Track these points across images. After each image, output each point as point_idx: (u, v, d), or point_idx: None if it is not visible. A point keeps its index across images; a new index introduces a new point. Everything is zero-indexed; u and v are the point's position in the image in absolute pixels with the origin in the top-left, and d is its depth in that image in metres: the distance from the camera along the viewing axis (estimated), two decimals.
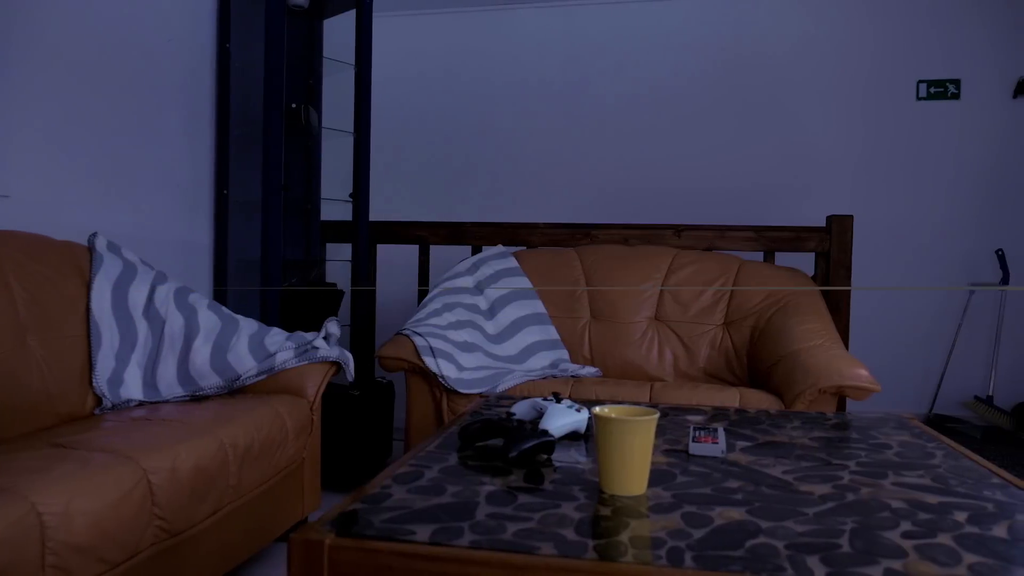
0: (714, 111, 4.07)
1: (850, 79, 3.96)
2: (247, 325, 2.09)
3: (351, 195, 2.87)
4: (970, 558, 0.83)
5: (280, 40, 2.52)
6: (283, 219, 2.59)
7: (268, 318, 2.53)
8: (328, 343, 2.09)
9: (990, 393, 3.73)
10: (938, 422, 3.71)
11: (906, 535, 0.89)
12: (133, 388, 1.91)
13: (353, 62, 2.84)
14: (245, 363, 1.97)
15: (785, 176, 4.02)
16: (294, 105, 2.77)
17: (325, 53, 3.05)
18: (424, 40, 4.34)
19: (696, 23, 4.08)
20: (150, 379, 1.96)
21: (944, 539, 0.88)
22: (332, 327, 2.13)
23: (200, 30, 2.69)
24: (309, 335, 2.09)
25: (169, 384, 1.96)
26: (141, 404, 1.89)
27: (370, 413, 2.67)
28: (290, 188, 2.85)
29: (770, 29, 4.02)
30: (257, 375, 1.97)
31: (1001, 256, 3.73)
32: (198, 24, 2.68)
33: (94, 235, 2.06)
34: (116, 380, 1.88)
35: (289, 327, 2.57)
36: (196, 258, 2.70)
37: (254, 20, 2.80)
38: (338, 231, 3.02)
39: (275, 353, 2.00)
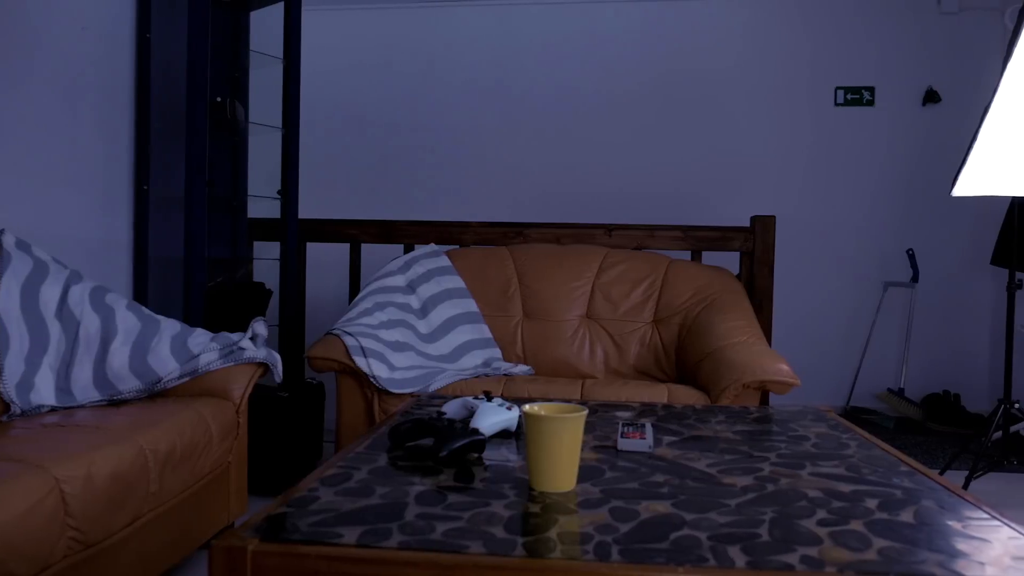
0: (644, 115, 4.15)
1: (773, 85, 4.10)
2: (169, 326, 2.02)
3: (279, 192, 2.81)
4: (880, 543, 0.87)
5: (204, 31, 2.44)
6: (208, 216, 2.51)
7: (192, 319, 2.45)
8: (255, 344, 2.04)
9: (902, 386, 3.93)
10: (854, 414, 3.88)
11: (821, 523, 0.93)
12: (45, 393, 1.81)
13: (281, 56, 2.78)
14: (167, 365, 1.91)
15: (712, 178, 4.13)
16: (219, 99, 2.69)
17: (252, 46, 2.97)
18: (356, 35, 4.28)
19: (628, 29, 4.15)
20: (64, 383, 1.87)
21: (856, 525, 0.92)
22: (259, 327, 2.08)
23: (118, 19, 2.58)
24: (235, 336, 2.03)
25: (84, 388, 1.88)
26: (54, 410, 1.80)
27: (299, 415, 2.61)
28: (215, 184, 2.77)
29: (698, 37, 4.13)
30: (180, 378, 1.91)
31: (911, 255, 3.93)
32: (116, 12, 2.57)
33: (1, 232, 1.95)
34: (26, 385, 1.78)
35: (214, 328, 2.49)
36: (114, 257, 2.59)
37: (176, 10, 2.70)
38: (266, 229, 2.95)
39: (199, 355, 1.94)
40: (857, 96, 4.03)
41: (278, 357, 2.05)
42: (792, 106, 4.07)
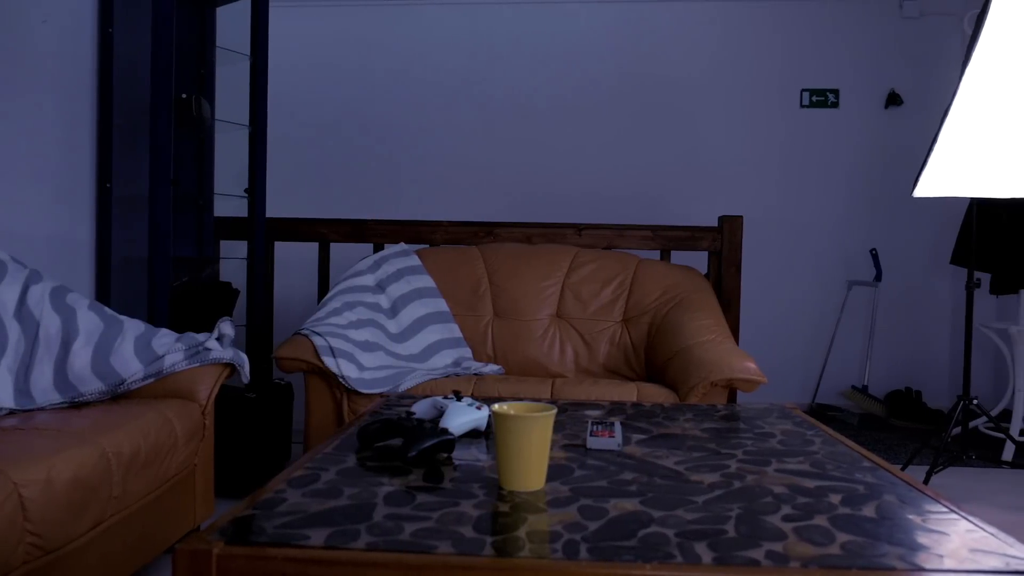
0: (614, 116, 4.18)
1: (741, 87, 4.15)
2: (132, 326, 1.98)
3: (246, 190, 2.77)
4: (843, 537, 0.88)
5: (168, 26, 2.40)
6: (173, 215, 2.47)
7: (156, 319, 2.41)
8: (222, 344, 2.01)
9: (865, 383, 4.00)
10: (820, 411, 3.95)
11: (786, 518, 0.95)
12: (3, 396, 1.77)
13: (248, 52, 2.74)
14: (130, 366, 1.87)
15: (680, 178, 4.17)
16: (184, 95, 2.65)
17: (219, 42, 2.93)
18: (326, 33, 4.24)
19: (598, 31, 4.17)
20: (23, 385, 1.83)
21: (820, 520, 0.94)
22: (226, 327, 2.05)
23: (79, 12, 2.53)
24: (201, 336, 2.00)
25: (44, 390, 1.84)
26: (12, 413, 1.76)
27: (267, 416, 2.58)
28: (180, 182, 2.72)
29: (668, 40, 4.16)
30: (144, 379, 1.87)
31: (875, 255, 4.00)
32: (77, 5, 2.52)
33: None
34: None
35: (180, 329, 2.45)
36: (75, 256, 2.54)
37: (139, 4, 2.65)
38: (233, 228, 2.91)
39: (163, 355, 1.90)
40: (822, 98, 4.09)
41: (245, 358, 2.02)
42: (759, 108, 4.12)
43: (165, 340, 1.96)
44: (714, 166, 4.14)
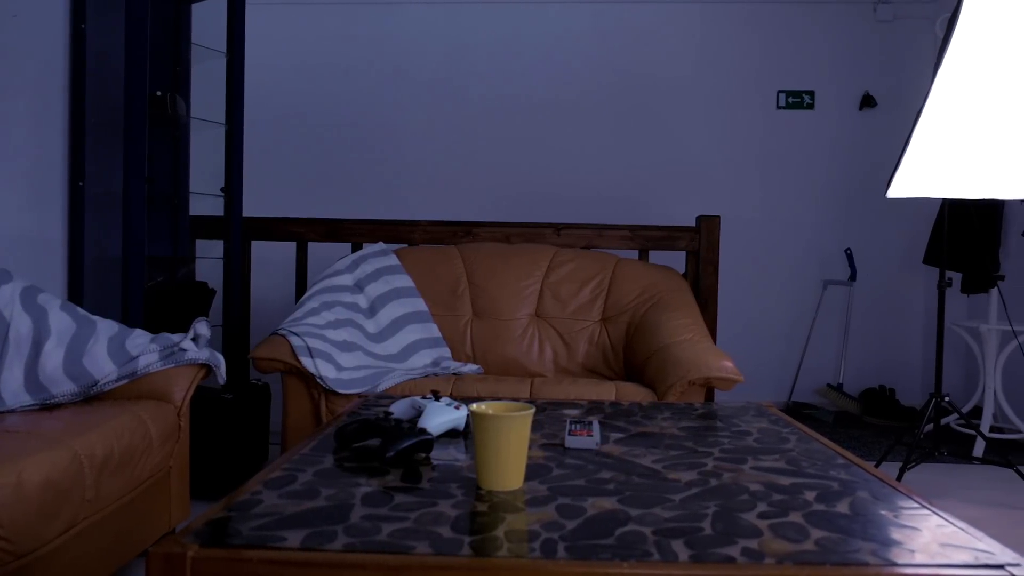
0: (593, 116, 4.19)
1: (718, 88, 4.19)
2: (106, 327, 1.95)
3: (223, 189, 2.74)
4: (817, 533, 0.89)
5: (142, 22, 2.36)
6: (147, 213, 2.43)
7: (131, 320, 2.38)
8: (197, 344, 1.99)
9: (840, 381, 4.05)
10: (796, 409, 3.99)
11: (762, 515, 0.96)
12: None
13: (225, 50, 2.71)
14: (103, 367, 1.84)
15: (659, 178, 4.19)
16: (159, 93, 2.61)
17: (194, 39, 2.90)
18: (304, 31, 4.21)
19: (578, 31, 4.18)
20: None
21: (795, 517, 0.95)
22: (201, 328, 2.03)
23: (51, 7, 2.49)
24: (176, 337, 1.98)
25: (15, 393, 1.80)
26: None
27: (244, 417, 2.56)
28: (155, 181, 2.69)
29: (647, 40, 4.18)
30: (117, 380, 1.85)
31: (849, 255, 4.05)
32: (48, 0, 2.47)
33: None
34: None
35: (155, 329, 2.42)
36: (47, 256, 2.50)
37: (113, 0, 2.61)
38: (209, 227, 2.88)
39: (138, 356, 1.88)
40: (798, 100, 4.14)
41: (221, 358, 2.00)
42: (737, 109, 4.16)
43: (139, 341, 1.94)
44: (692, 166, 4.17)
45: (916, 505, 1.00)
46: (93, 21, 2.57)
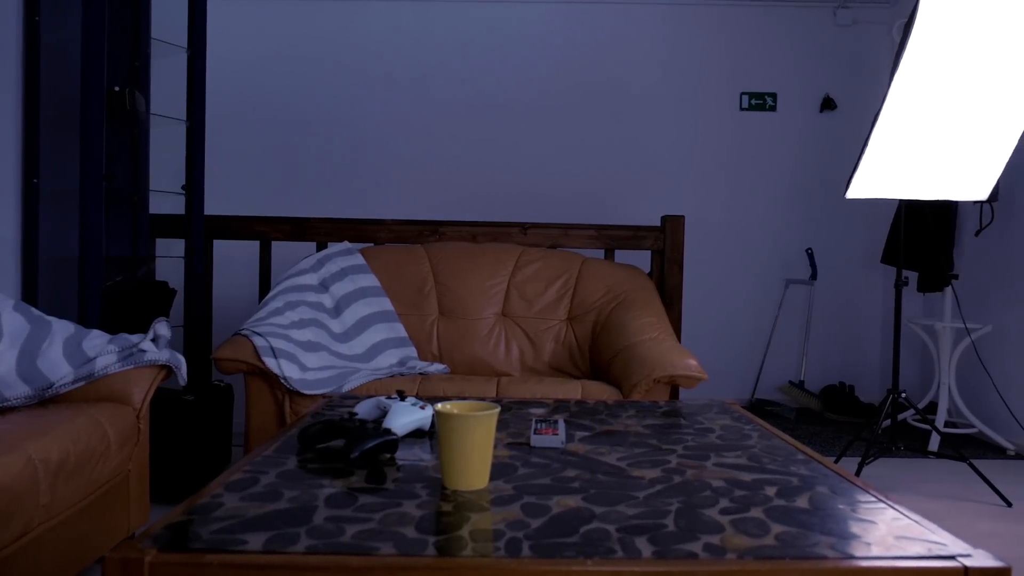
0: (559, 116, 4.20)
1: (684, 89, 4.23)
2: (62, 328, 1.90)
3: (184, 187, 2.69)
4: (777, 528, 0.91)
5: (99, 15, 2.31)
6: (105, 212, 2.38)
7: (88, 321, 2.32)
8: (157, 345, 1.95)
9: (802, 378, 4.13)
10: (759, 406, 4.05)
11: (724, 511, 0.97)
12: None
13: (186, 44, 2.67)
14: (59, 369, 1.80)
15: (624, 178, 4.22)
16: (117, 88, 2.56)
17: (154, 34, 2.84)
18: (268, 26, 4.15)
19: (544, 30, 4.19)
20: None
21: (756, 513, 0.97)
22: (161, 328, 1.99)
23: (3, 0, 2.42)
24: (135, 337, 1.94)
25: None
26: None
27: (206, 419, 2.52)
28: (114, 178, 2.63)
29: (613, 41, 4.21)
30: (74, 382, 1.80)
31: (810, 254, 4.13)
32: None
33: None
34: None
35: (113, 330, 2.37)
36: None
37: None
38: (170, 225, 2.83)
39: (95, 358, 1.84)
40: (761, 102, 4.20)
41: (182, 359, 1.97)
42: (701, 110, 4.21)
43: (97, 342, 1.89)
44: (657, 167, 4.21)
45: (873, 499, 1.03)
46: (48, 13, 2.51)
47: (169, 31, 2.83)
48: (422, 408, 1.32)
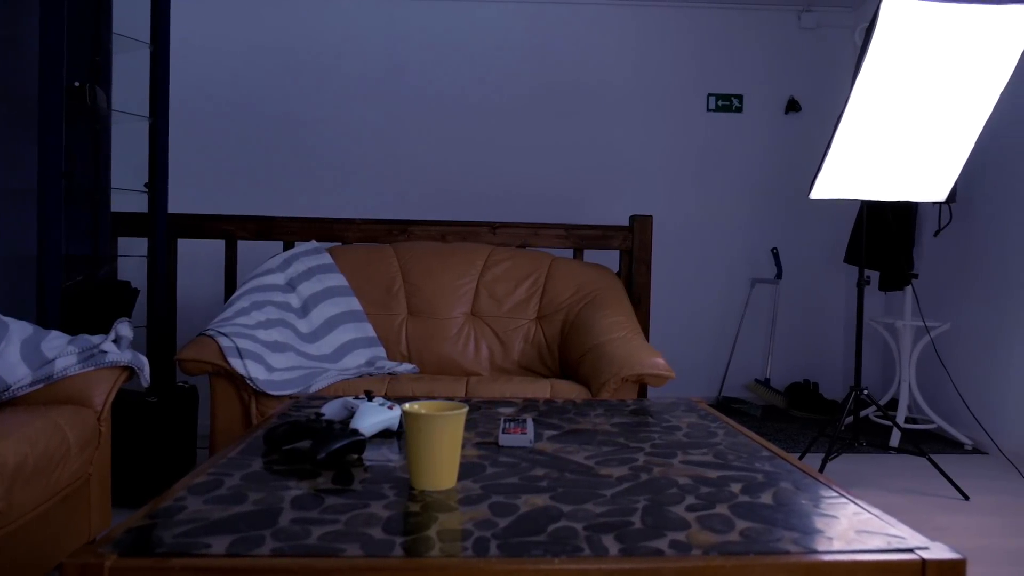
0: (529, 116, 4.21)
1: (652, 90, 4.26)
2: (19, 328, 1.86)
3: (147, 185, 2.65)
4: (742, 524, 0.92)
5: (58, 9, 2.26)
6: (65, 210, 2.33)
7: (47, 321, 2.27)
8: (119, 346, 1.91)
9: (767, 376, 4.19)
10: (726, 403, 4.10)
11: (690, 508, 0.98)
12: None
13: (148, 40, 2.62)
14: (16, 371, 1.75)
15: (593, 178, 4.25)
16: (77, 83, 2.50)
17: (115, 28, 2.78)
18: (232, 20, 4.10)
19: (514, 30, 4.19)
20: None
21: (721, 509, 0.98)
22: (123, 329, 1.96)
23: None
24: (96, 338, 1.90)
25: None
26: None
27: (170, 421, 2.48)
28: (74, 176, 2.57)
29: (583, 41, 4.22)
30: (32, 384, 1.76)
31: (776, 254, 4.19)
32: None
33: None
34: None
35: (74, 331, 2.31)
36: None
37: None
38: (132, 224, 2.77)
39: (54, 359, 1.79)
40: (727, 103, 4.25)
41: (145, 360, 1.93)
42: (669, 111, 4.24)
43: (56, 343, 1.85)
44: (626, 167, 4.24)
45: (835, 494, 1.05)
46: (5, 7, 2.44)
47: (131, 26, 2.77)
48: (390, 408, 1.32)
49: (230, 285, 2.83)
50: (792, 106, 4.23)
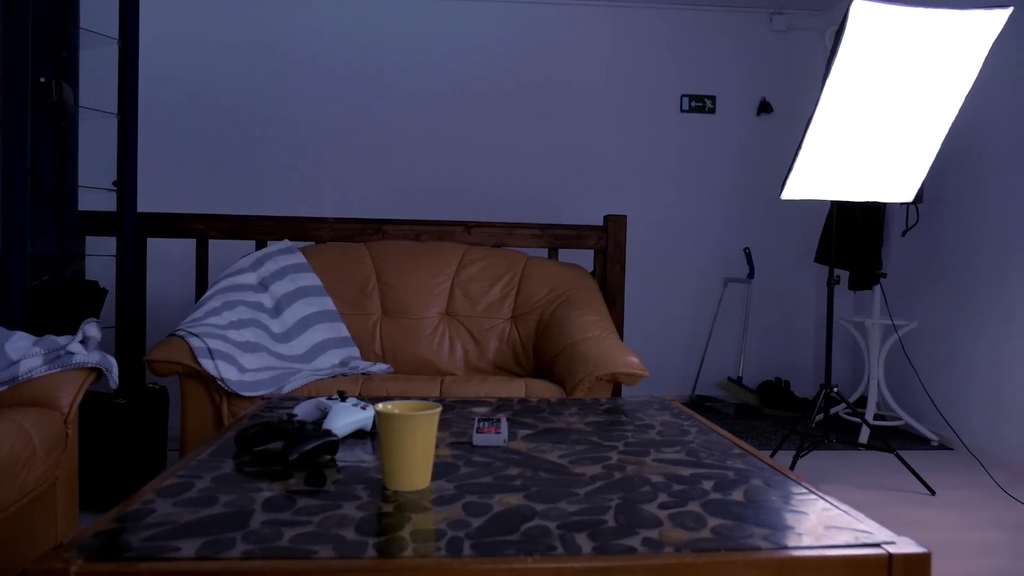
0: (504, 115, 4.21)
1: (626, 91, 4.29)
2: None
3: (115, 183, 2.60)
4: (713, 521, 0.93)
5: (23, 3, 2.21)
6: (30, 208, 2.28)
7: (12, 322, 2.22)
8: (86, 347, 1.88)
9: (740, 374, 4.23)
10: (699, 402, 4.14)
11: (662, 506, 0.99)
12: None
13: (117, 35, 2.57)
14: None
15: (568, 178, 4.26)
16: (43, 79, 2.45)
17: (83, 23, 2.73)
18: (203, 15, 4.04)
19: (489, 28, 4.19)
20: None
21: (694, 506, 0.99)
22: (91, 329, 1.92)
23: None
24: (63, 339, 1.86)
25: None
26: None
27: (139, 423, 2.44)
28: (39, 174, 2.52)
29: (558, 41, 4.23)
30: None
31: (748, 253, 4.24)
32: None
33: None
34: None
35: (39, 332, 2.27)
36: None
37: None
38: (100, 223, 2.73)
39: (19, 361, 1.76)
40: (700, 104, 4.29)
41: (113, 361, 1.90)
42: (643, 111, 4.27)
43: (21, 344, 1.81)
44: (600, 167, 4.26)
45: (805, 491, 1.06)
46: None
47: (99, 21, 2.73)
48: (363, 409, 1.31)
49: (201, 285, 2.80)
50: (764, 107, 4.28)
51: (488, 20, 4.17)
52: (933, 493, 2.63)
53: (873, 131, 2.50)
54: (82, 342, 1.89)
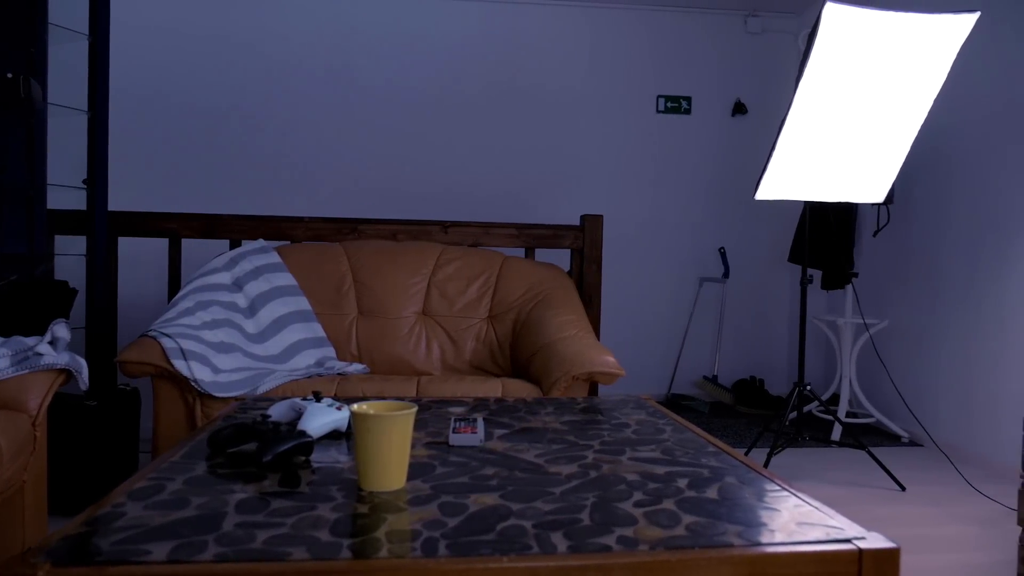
0: (481, 115, 4.21)
1: (603, 91, 4.30)
2: None
3: (85, 181, 2.56)
4: (688, 519, 0.94)
5: None
6: None
7: None
8: (55, 348, 1.85)
9: (715, 373, 4.27)
10: (675, 400, 4.17)
11: (637, 504, 0.99)
12: None
13: (87, 31, 2.53)
14: None
15: (545, 178, 4.27)
16: (10, 75, 2.40)
17: (52, 19, 2.68)
18: (176, 11, 3.99)
19: (466, 28, 4.19)
20: None
21: (668, 504, 0.99)
22: (60, 330, 1.89)
23: None
24: (31, 340, 1.83)
25: None
26: None
27: (110, 425, 2.40)
28: (6, 171, 2.47)
29: (535, 41, 4.24)
30: None
31: (723, 253, 4.27)
32: None
33: None
34: None
35: (6, 333, 2.23)
36: None
37: None
38: (70, 222, 2.68)
39: None
40: (676, 105, 4.32)
41: (83, 362, 1.87)
42: (619, 112, 4.29)
43: None
44: (577, 167, 4.27)
45: (778, 488, 1.07)
46: None
47: (68, 16, 2.68)
48: (338, 409, 1.30)
49: (174, 285, 2.76)
50: (738, 108, 4.32)
51: (465, 20, 4.17)
52: (903, 489, 2.68)
53: (845, 132, 2.53)
54: (51, 343, 1.85)
